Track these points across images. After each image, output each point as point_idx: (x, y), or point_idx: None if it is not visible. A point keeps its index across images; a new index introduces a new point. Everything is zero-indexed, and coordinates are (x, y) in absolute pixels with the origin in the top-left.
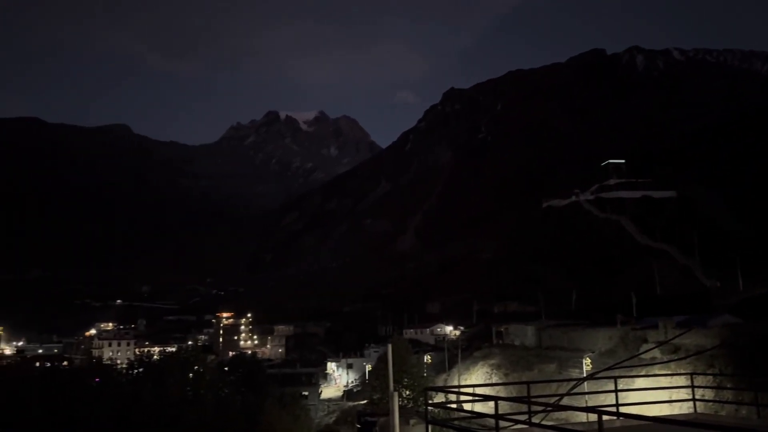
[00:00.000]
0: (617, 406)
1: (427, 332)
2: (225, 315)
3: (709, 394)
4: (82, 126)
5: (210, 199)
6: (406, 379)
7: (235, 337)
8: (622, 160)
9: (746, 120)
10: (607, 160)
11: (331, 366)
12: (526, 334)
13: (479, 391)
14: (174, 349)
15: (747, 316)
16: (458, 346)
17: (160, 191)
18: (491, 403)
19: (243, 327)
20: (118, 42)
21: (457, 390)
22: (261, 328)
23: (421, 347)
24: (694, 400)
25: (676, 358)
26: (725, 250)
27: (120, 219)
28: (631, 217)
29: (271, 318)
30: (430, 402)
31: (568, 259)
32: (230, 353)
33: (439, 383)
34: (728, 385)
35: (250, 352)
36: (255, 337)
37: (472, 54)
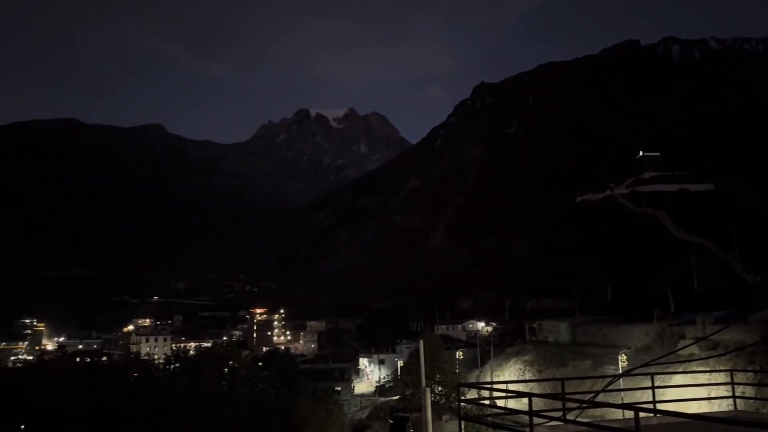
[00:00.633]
0: (654, 403)
1: (459, 328)
2: (258, 311)
3: (749, 392)
4: (119, 126)
5: (243, 197)
6: (438, 375)
7: (269, 333)
8: (658, 153)
9: None
10: (642, 153)
11: (363, 361)
12: (559, 331)
13: (512, 388)
14: (209, 345)
15: None
16: (490, 342)
17: (194, 189)
18: (525, 400)
19: (276, 323)
20: (153, 43)
21: (489, 386)
22: (294, 323)
23: (452, 343)
24: (734, 397)
25: (715, 354)
26: (766, 243)
27: (156, 217)
28: (667, 211)
29: (304, 314)
30: (463, 398)
31: (603, 254)
32: (264, 349)
33: (472, 379)
34: None
35: (283, 348)
36: (288, 333)
37: (503, 47)
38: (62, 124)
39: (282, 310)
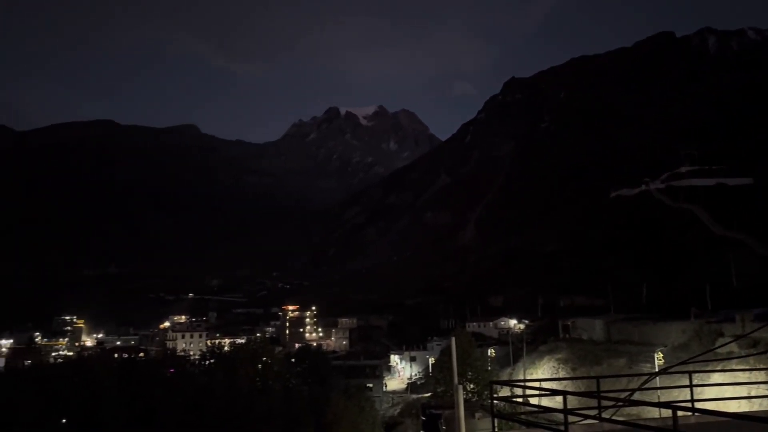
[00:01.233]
0: (692, 401)
1: (491, 326)
2: (291, 308)
3: None
4: (153, 127)
5: (275, 195)
6: (470, 373)
7: (301, 330)
8: (694, 147)
9: None
10: (677, 147)
11: (395, 358)
12: (594, 328)
13: (546, 386)
14: (243, 341)
15: None
16: (523, 339)
17: (227, 188)
18: (558, 398)
19: (308, 320)
20: (185, 45)
21: (523, 384)
22: (325, 320)
23: (484, 341)
24: None
25: (755, 352)
26: None
27: (190, 216)
28: (704, 206)
29: (335, 311)
30: (496, 396)
31: (638, 250)
32: (296, 345)
33: (504, 377)
34: None
35: (315, 345)
36: (320, 330)
37: (534, 41)
38: (99, 126)
39: (314, 307)
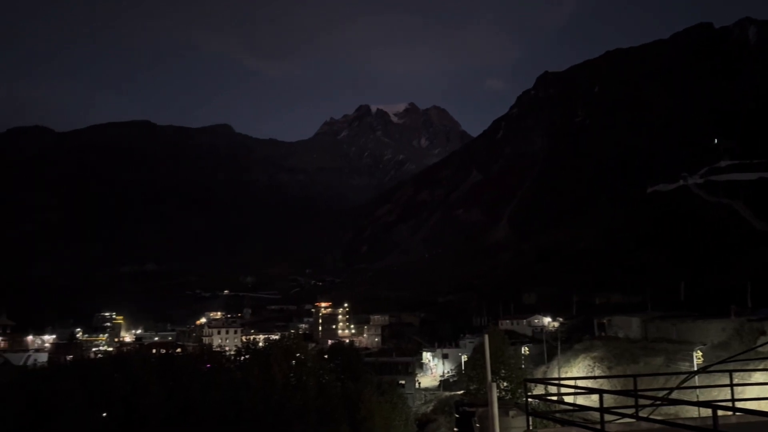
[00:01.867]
0: (733, 401)
1: (524, 323)
2: (323, 305)
3: None
4: (189, 127)
5: (307, 193)
6: (504, 371)
7: (333, 326)
8: (733, 141)
9: None
10: (716, 141)
11: (427, 356)
12: (630, 326)
13: (581, 384)
14: (277, 337)
15: None
16: (557, 337)
17: (260, 187)
18: (594, 397)
19: (340, 316)
20: (218, 46)
21: (557, 382)
22: (357, 317)
23: (517, 339)
24: None
25: None
26: None
27: (224, 214)
28: (745, 201)
29: (367, 308)
30: (530, 394)
31: (676, 247)
32: (329, 341)
33: (538, 375)
34: None
35: (347, 341)
36: (352, 327)
37: (566, 35)
38: (136, 126)
39: (346, 304)
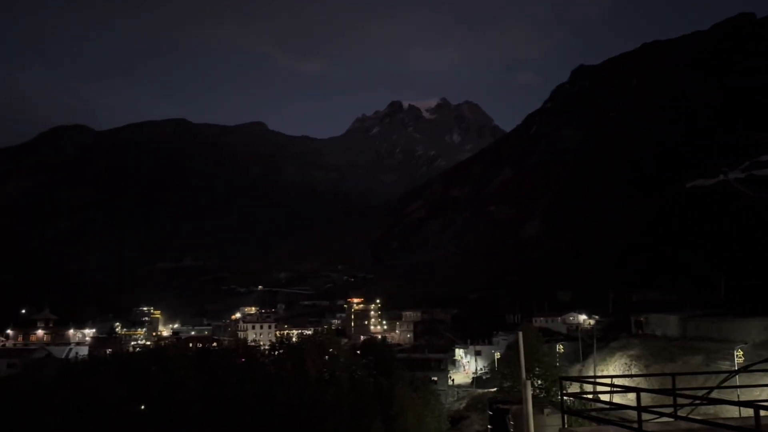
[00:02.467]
0: None
1: (559, 321)
2: (355, 301)
3: None
4: (223, 125)
5: (339, 189)
6: (538, 369)
7: (366, 322)
8: None
9: None
10: (757, 135)
11: (459, 352)
12: (668, 324)
13: (618, 382)
14: (310, 332)
15: None
16: (593, 335)
17: (293, 183)
18: (631, 396)
19: (372, 312)
20: (251, 45)
21: (593, 380)
22: (389, 313)
23: (552, 336)
24: None
25: None
26: None
27: (259, 210)
28: None
29: (399, 304)
30: (565, 392)
31: (716, 243)
32: (361, 337)
33: (573, 374)
34: None
35: (380, 337)
36: (384, 323)
37: (602, 27)
38: (172, 125)
39: (378, 300)
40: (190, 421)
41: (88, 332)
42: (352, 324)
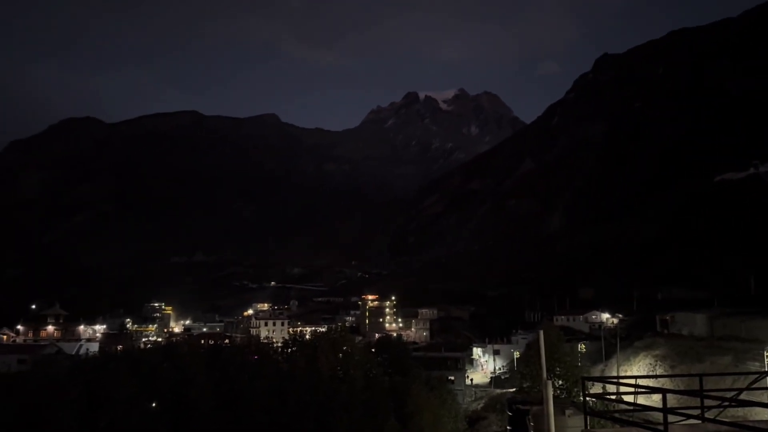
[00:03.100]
0: None
1: (581, 319)
2: (370, 297)
3: None
4: (236, 117)
5: (353, 183)
6: (559, 368)
7: (380, 320)
8: None
9: None
10: None
11: (477, 351)
12: (695, 323)
13: (642, 383)
14: (324, 330)
15: None
16: (616, 334)
17: (307, 177)
18: (655, 397)
19: (387, 309)
20: (264, 36)
21: (616, 381)
22: (405, 310)
23: (573, 335)
24: None
25: None
26: None
27: (271, 204)
28: None
29: (415, 301)
30: (588, 392)
31: (745, 239)
32: (376, 335)
33: (595, 374)
34: None
35: (395, 335)
36: (399, 320)
37: (627, 15)
38: (184, 116)
39: (393, 297)
40: (202, 418)
41: (99, 328)
42: (367, 321)
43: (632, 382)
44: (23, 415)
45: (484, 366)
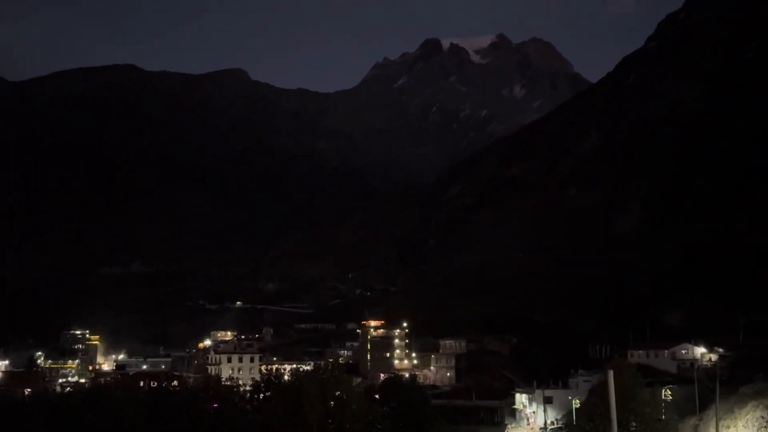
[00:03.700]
0: None
1: (665, 355)
2: (373, 324)
3: None
4: (188, 73)
5: (351, 166)
6: (635, 423)
7: (387, 354)
8: None
9: None
10: None
11: (521, 399)
12: None
13: None
14: (309, 368)
15: None
16: (716, 376)
17: (287, 156)
18: None
19: (397, 340)
20: None
21: None
22: (421, 341)
23: (655, 377)
24: None
25: None
26: None
27: (238, 196)
28: None
29: (435, 329)
30: None
31: None
32: (381, 375)
33: (686, 430)
34: None
35: (407, 375)
36: (413, 355)
37: None
38: (117, 73)
39: (405, 323)
40: None
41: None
42: (369, 357)
43: None
44: None
45: (531, 419)
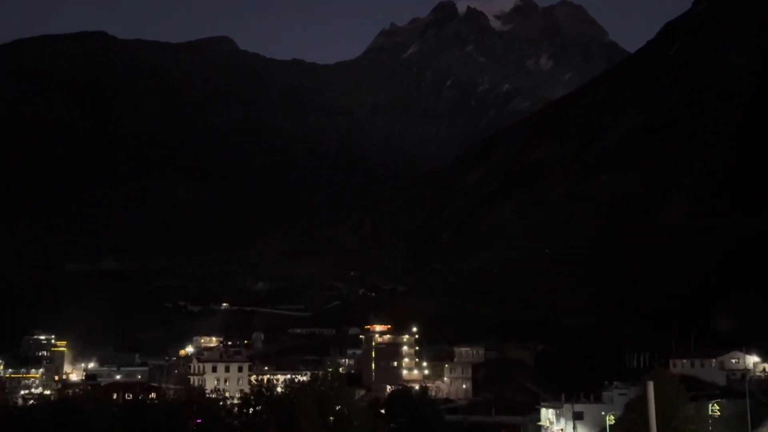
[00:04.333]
0: None
1: (713, 365)
2: (378, 328)
3: None
4: (167, 42)
5: (354, 148)
6: None
7: (395, 363)
8: None
9: None
10: None
11: (547, 414)
12: None
13: None
14: (306, 378)
15: None
16: None
17: (281, 137)
18: None
19: (406, 347)
20: None
21: None
22: (434, 348)
23: (702, 390)
24: None
25: None
26: None
27: (225, 182)
28: None
29: (450, 335)
30: None
31: None
32: (387, 387)
33: None
34: None
35: (417, 387)
36: (424, 364)
37: None
38: (86, 42)
39: (415, 329)
40: None
41: None
42: (373, 366)
43: None
44: None
45: None
